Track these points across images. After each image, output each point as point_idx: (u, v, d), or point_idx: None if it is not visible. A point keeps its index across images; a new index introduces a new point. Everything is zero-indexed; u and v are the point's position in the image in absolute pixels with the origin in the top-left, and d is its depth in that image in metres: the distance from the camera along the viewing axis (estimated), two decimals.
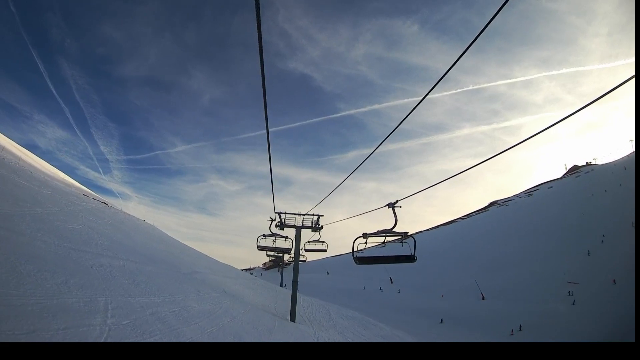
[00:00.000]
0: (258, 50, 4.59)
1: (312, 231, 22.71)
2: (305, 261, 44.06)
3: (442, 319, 50.51)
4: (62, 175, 42.54)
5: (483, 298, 62.67)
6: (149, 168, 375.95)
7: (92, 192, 45.44)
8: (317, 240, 23.22)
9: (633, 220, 71.78)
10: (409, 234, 12.15)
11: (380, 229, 11.79)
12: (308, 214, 22.20)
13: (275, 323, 16.95)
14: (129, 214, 39.96)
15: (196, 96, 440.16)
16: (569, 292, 54.02)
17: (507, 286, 65.59)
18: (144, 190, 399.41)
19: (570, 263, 66.83)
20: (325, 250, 23.62)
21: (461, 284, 74.95)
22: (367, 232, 12.02)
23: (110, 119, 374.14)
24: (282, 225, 21.88)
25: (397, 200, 11.23)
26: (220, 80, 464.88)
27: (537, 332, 40.81)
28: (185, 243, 45.63)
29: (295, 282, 22.02)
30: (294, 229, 22.30)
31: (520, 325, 43.64)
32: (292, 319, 20.02)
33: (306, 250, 23.83)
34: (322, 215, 22.35)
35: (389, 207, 11.28)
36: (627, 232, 68.52)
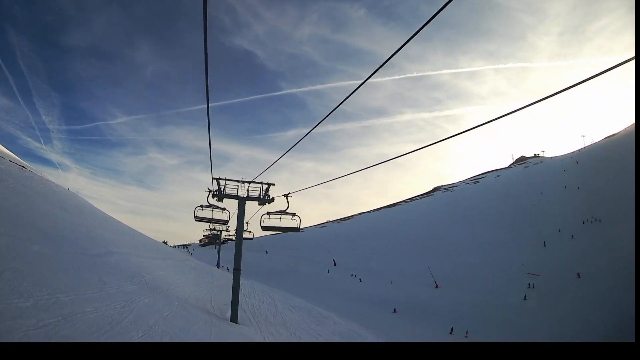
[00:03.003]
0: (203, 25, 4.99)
1: (259, 204, 18.67)
2: (252, 239, 39.88)
3: (395, 309, 48.63)
4: None
5: (437, 286, 61.68)
6: (89, 139, 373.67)
7: (14, 155, 39.93)
8: (283, 212, 18.38)
9: (589, 216, 73.74)
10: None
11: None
12: (255, 182, 18.10)
13: (212, 329, 13.03)
14: (49, 181, 34.97)
15: (140, 68, 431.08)
16: (530, 284, 53.86)
17: (461, 274, 65.18)
18: (84, 161, 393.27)
19: (526, 254, 67.41)
20: (298, 229, 19.00)
21: (410, 269, 73.97)
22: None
23: (54, 88, 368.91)
24: (221, 194, 17.91)
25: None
26: (165, 54, 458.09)
27: (508, 328, 39.50)
28: (119, 216, 41.13)
29: (237, 270, 17.82)
30: (237, 201, 18.33)
31: None
32: (234, 319, 16.18)
33: (263, 228, 18.61)
34: (274, 184, 18.39)
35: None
36: (590, 227, 70.11)
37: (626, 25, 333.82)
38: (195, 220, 19.39)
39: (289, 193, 18.30)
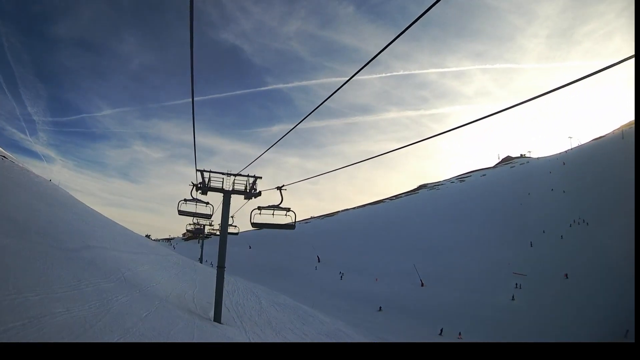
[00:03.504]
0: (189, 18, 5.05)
1: (245, 198, 17.91)
2: (237, 234, 38.87)
3: (380, 307, 48.31)
4: None
5: (422, 284, 61.59)
6: (74, 131, 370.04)
7: None
8: (276, 207, 17.03)
9: (576, 217, 74.31)
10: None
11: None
12: (241, 175, 17.33)
13: (195, 331, 12.34)
14: (30, 172, 34.09)
15: (126, 60, 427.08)
16: (517, 284, 53.96)
17: (447, 272, 65.27)
18: (69, 153, 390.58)
19: (513, 253, 67.68)
20: (293, 227, 17.51)
21: (396, 267, 73.93)
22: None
23: (40, 79, 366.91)
24: (205, 187, 17.16)
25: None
26: (151, 46, 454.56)
27: (497, 327, 39.38)
28: (102, 209, 40.33)
29: (221, 267, 17.00)
30: (222, 195, 17.55)
31: None
32: (217, 319, 15.47)
33: (254, 225, 17.47)
34: (260, 178, 17.58)
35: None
36: (577, 228, 70.64)
37: (615, 29, 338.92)
38: (179, 214, 19.03)
39: (283, 185, 17.00)
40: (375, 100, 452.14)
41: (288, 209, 16.85)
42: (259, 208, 16.94)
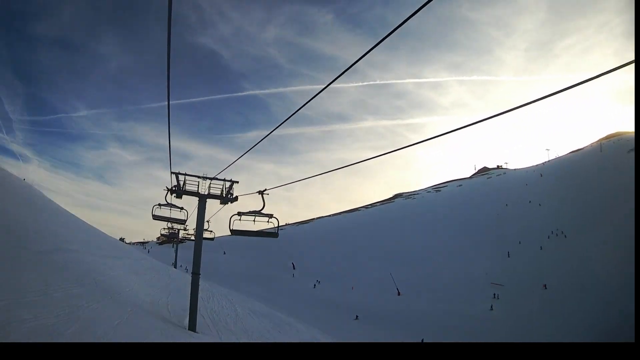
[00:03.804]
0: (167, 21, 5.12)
1: (221, 203, 17.38)
2: (212, 239, 38.18)
3: (357, 316, 48.15)
4: None
5: (399, 294, 61.73)
6: (50, 131, 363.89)
7: None
8: (258, 213, 15.62)
9: (554, 228, 75.73)
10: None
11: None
12: (217, 179, 16.83)
13: (168, 340, 11.96)
14: (3, 170, 33.21)
15: (104, 61, 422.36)
16: (495, 294, 54.44)
17: (424, 282, 65.63)
18: (45, 153, 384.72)
19: (490, 263, 68.40)
20: (275, 234, 16.51)
21: (371, 275, 74.04)
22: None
23: (18, 77, 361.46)
24: (180, 191, 16.59)
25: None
26: (130, 48, 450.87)
27: (476, 338, 39.46)
28: (77, 210, 39.19)
29: (196, 274, 16.21)
30: (197, 199, 16.99)
31: None
32: (192, 327, 15.03)
33: (233, 232, 15.85)
34: (237, 182, 16.72)
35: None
36: (557, 238, 71.90)
37: (594, 44, 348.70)
38: (153, 219, 18.88)
39: (265, 190, 15.78)
40: (352, 108, 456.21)
41: (270, 215, 15.58)
42: (239, 214, 15.35)
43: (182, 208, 19.09)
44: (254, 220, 15.45)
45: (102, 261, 20.86)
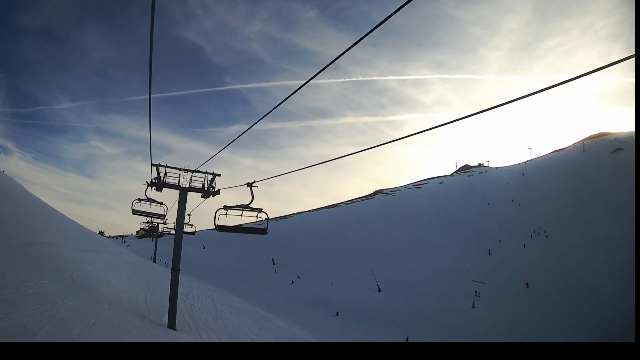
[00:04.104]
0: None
1: (202, 196, 16.85)
2: (194, 233, 37.49)
3: (337, 312, 48.15)
4: None
5: (379, 290, 61.94)
6: (32, 123, 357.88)
7: None
8: (246, 207, 14.11)
9: (536, 227, 76.78)
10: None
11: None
12: (199, 171, 16.32)
13: (147, 339, 11.64)
14: None
15: (87, 53, 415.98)
16: (476, 292, 54.88)
17: (404, 278, 65.96)
18: (26, 145, 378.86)
19: (471, 261, 68.99)
20: (265, 231, 15.24)
21: (351, 271, 74.18)
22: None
23: (0, 68, 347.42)
24: (160, 184, 15.99)
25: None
26: (113, 40, 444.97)
27: (459, 335, 39.78)
28: (57, 203, 38.17)
29: (175, 270, 15.56)
30: (178, 192, 16.46)
31: None
32: (172, 325, 14.71)
33: (219, 228, 14.33)
34: (219, 175, 16.22)
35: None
36: (538, 237, 72.92)
37: (579, 45, 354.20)
38: (133, 214, 18.66)
39: (254, 182, 14.30)
40: (334, 104, 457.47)
41: (260, 210, 14.17)
42: (225, 208, 13.94)
43: (161, 203, 18.91)
44: (241, 215, 14.12)
45: (79, 255, 20.33)
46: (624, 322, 33.49)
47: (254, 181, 14.13)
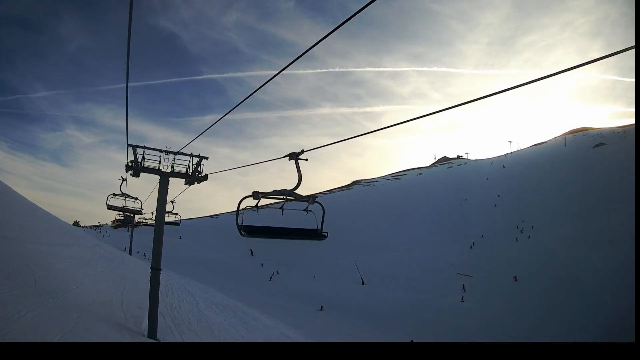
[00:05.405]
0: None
1: (186, 183, 14.76)
2: (179, 223, 34.41)
3: (322, 306, 46.87)
4: None
5: (363, 283, 60.95)
6: (8, 112, 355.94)
7: None
8: (291, 192, 9.17)
9: (521, 220, 76.74)
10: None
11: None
12: (183, 153, 14.36)
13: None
14: None
15: (64, 42, 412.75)
16: (463, 285, 54.19)
17: (388, 271, 65.15)
18: (2, 134, 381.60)
19: (454, 254, 68.52)
20: (321, 236, 10.85)
21: (333, 264, 73.00)
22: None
23: None
24: (137, 168, 13.74)
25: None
26: (90, 29, 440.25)
27: (447, 330, 38.92)
28: (33, 193, 35.69)
29: (156, 270, 13.39)
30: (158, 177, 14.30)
31: None
32: (152, 334, 12.80)
33: (245, 231, 9.63)
34: (207, 158, 14.04)
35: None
36: (524, 230, 72.83)
37: (557, 42, 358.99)
38: (108, 209, 18.81)
39: (302, 151, 8.76)
40: (310, 95, 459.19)
41: (314, 197, 9.55)
42: (256, 195, 8.59)
43: (136, 198, 19.10)
44: (281, 208, 9.53)
45: (47, 251, 18.32)
46: (613, 311, 34.05)
47: (302, 151, 8.62)
